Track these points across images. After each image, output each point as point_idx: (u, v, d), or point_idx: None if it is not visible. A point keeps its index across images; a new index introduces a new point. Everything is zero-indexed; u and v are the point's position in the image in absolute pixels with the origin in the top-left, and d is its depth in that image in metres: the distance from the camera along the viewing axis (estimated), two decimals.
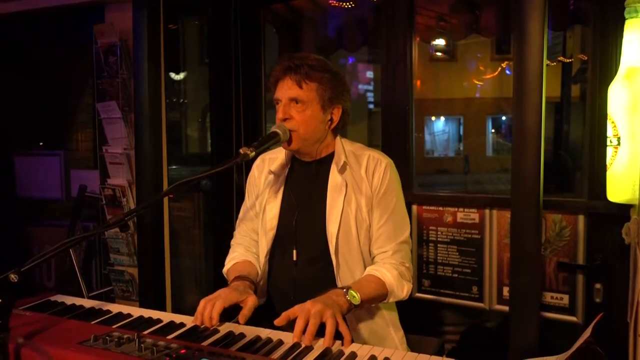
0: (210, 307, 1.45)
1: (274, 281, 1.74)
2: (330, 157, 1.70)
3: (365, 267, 1.65)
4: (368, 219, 1.65)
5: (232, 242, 1.88)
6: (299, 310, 1.36)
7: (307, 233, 1.67)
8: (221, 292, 1.52)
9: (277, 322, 1.37)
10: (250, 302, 1.50)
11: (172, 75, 3.55)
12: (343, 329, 1.35)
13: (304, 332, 1.32)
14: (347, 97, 1.71)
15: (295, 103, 1.60)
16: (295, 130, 1.61)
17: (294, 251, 1.67)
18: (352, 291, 1.47)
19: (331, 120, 1.66)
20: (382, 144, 2.64)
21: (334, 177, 1.66)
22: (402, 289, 1.60)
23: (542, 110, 1.86)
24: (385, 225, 1.64)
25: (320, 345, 1.31)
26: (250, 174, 1.85)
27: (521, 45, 1.89)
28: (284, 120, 1.60)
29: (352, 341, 1.36)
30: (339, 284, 1.62)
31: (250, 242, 1.83)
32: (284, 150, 1.75)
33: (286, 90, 1.61)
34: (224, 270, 1.79)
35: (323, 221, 1.64)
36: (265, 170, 1.79)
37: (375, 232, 1.65)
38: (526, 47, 1.88)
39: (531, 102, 1.87)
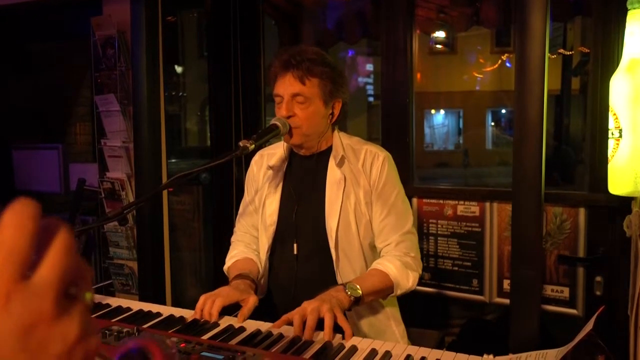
0: (210, 304, 1.45)
1: (274, 276, 1.74)
2: (328, 151, 1.69)
3: (365, 261, 1.64)
4: (367, 213, 1.64)
5: (232, 239, 1.87)
6: (295, 311, 1.36)
7: (307, 227, 1.67)
8: (222, 290, 1.52)
9: (275, 325, 1.37)
10: (250, 302, 1.49)
11: (171, 68, 3.53)
12: (342, 322, 1.35)
13: (304, 328, 1.32)
14: (347, 89, 1.71)
15: (298, 99, 1.59)
16: (299, 127, 1.60)
17: (295, 245, 1.67)
18: (351, 285, 1.47)
19: (332, 114, 1.66)
20: (382, 137, 2.63)
21: (333, 171, 1.66)
22: (407, 279, 1.57)
23: (543, 103, 1.85)
24: (387, 219, 1.64)
25: (320, 340, 1.31)
26: (249, 170, 1.84)
27: (523, 38, 1.88)
28: (288, 117, 1.59)
29: (353, 334, 1.36)
30: (339, 278, 1.61)
31: (251, 239, 1.82)
32: (282, 146, 1.75)
33: (288, 86, 1.58)
34: (225, 267, 1.78)
35: (322, 215, 1.64)
36: (264, 166, 1.78)
37: (378, 226, 1.65)
38: (528, 39, 1.87)
39: (533, 94, 1.86)
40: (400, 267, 1.57)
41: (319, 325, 1.33)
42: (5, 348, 0.34)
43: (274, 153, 1.77)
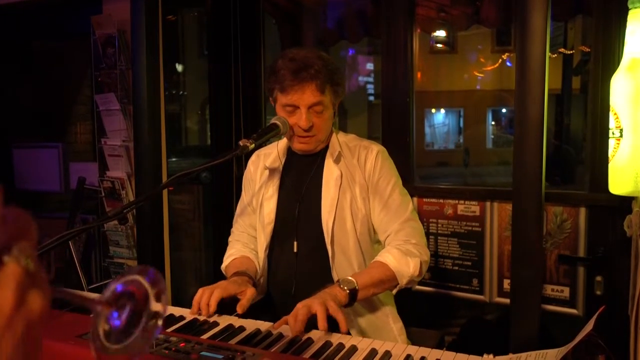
0: (207, 295, 1.45)
1: (273, 275, 1.74)
2: (325, 149, 1.70)
3: (363, 257, 1.64)
4: (364, 208, 1.64)
5: (230, 238, 1.87)
6: (291, 314, 1.36)
7: (305, 225, 1.67)
8: (220, 284, 1.53)
9: (275, 326, 1.37)
10: (249, 293, 1.49)
11: (171, 67, 3.53)
12: (335, 312, 1.33)
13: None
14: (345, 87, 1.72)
15: (316, 109, 1.58)
16: (315, 135, 1.61)
17: (295, 243, 1.66)
18: (345, 279, 1.45)
19: (335, 113, 1.68)
20: (383, 137, 2.63)
21: (329, 168, 1.66)
22: (408, 266, 1.52)
23: (544, 102, 1.85)
24: (384, 211, 1.64)
25: (320, 339, 1.30)
26: (246, 170, 1.84)
27: (523, 37, 1.87)
28: (309, 129, 1.59)
29: (349, 333, 1.35)
30: (335, 275, 1.61)
31: (248, 239, 1.82)
32: (278, 145, 1.76)
33: (308, 96, 1.56)
34: (222, 267, 1.78)
35: (319, 213, 1.64)
36: (260, 166, 1.78)
37: (377, 219, 1.65)
38: (528, 38, 1.86)
39: (533, 93, 1.85)
40: (398, 255, 1.53)
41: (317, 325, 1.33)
42: None
43: (271, 153, 1.77)
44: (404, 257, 1.53)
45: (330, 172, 1.66)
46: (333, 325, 1.33)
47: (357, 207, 1.64)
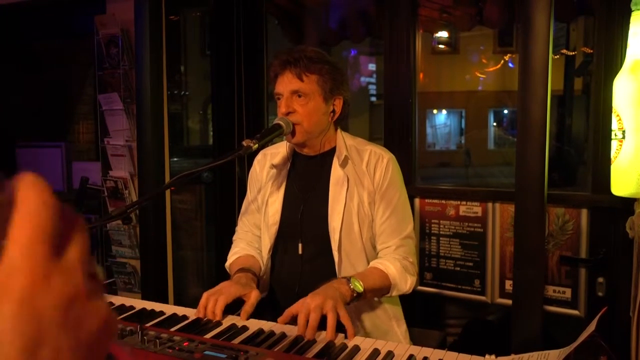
0: (213, 303, 1.45)
1: (277, 276, 1.74)
2: (332, 152, 1.69)
3: (368, 263, 1.64)
4: (371, 214, 1.64)
5: (234, 237, 1.87)
6: (299, 306, 1.36)
7: (310, 227, 1.67)
8: (223, 286, 1.52)
9: (280, 320, 1.37)
10: (252, 298, 1.49)
11: (174, 66, 3.53)
12: (345, 320, 1.35)
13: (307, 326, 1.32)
14: (347, 87, 1.70)
15: (297, 96, 1.59)
16: (299, 124, 1.59)
17: (300, 245, 1.67)
18: (354, 280, 1.47)
19: (333, 111, 1.66)
20: (384, 137, 2.63)
21: (336, 171, 1.66)
22: (406, 282, 1.58)
23: (547, 104, 1.85)
24: (389, 221, 1.63)
25: (323, 339, 1.31)
26: (252, 169, 1.84)
27: (526, 38, 1.88)
28: (287, 114, 1.59)
29: (355, 334, 1.36)
30: None
31: (252, 238, 1.83)
32: (285, 145, 1.75)
33: (287, 84, 1.59)
34: (227, 264, 1.79)
35: (325, 216, 1.64)
36: (267, 165, 1.78)
37: (379, 228, 1.64)
38: (531, 40, 1.87)
39: (536, 95, 1.86)
40: (400, 270, 1.57)
41: (322, 323, 1.33)
42: (45, 323, 0.34)
43: (277, 152, 1.77)
44: (404, 274, 1.58)
45: (337, 175, 1.65)
46: (337, 325, 1.34)
47: (364, 213, 1.64)
